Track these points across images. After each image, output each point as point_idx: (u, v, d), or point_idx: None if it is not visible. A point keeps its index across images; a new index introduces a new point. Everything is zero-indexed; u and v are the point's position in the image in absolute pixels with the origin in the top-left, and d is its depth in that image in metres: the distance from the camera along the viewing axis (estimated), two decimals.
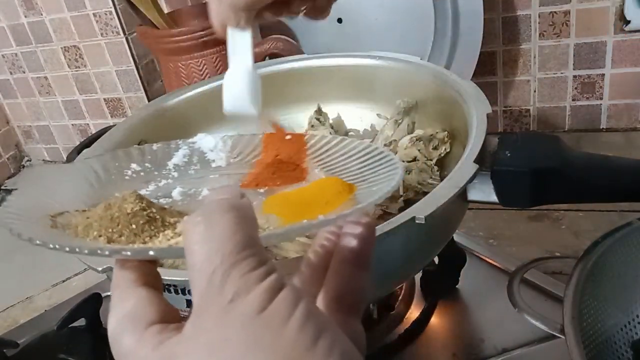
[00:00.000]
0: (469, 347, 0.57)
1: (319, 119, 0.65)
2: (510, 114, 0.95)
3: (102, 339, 0.58)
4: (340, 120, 0.68)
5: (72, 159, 0.59)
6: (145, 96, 1.05)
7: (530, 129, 0.95)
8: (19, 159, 1.23)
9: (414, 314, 0.61)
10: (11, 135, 1.21)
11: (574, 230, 0.72)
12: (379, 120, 0.66)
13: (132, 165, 0.40)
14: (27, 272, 0.86)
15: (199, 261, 0.21)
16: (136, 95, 1.06)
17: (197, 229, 0.22)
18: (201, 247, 0.22)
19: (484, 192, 0.45)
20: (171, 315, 0.24)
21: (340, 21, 0.86)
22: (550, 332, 0.43)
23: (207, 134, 0.44)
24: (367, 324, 0.59)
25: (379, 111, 0.66)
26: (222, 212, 0.22)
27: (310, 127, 0.65)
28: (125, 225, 0.31)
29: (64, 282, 0.81)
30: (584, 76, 0.89)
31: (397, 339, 0.58)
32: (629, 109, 0.89)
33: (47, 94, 1.13)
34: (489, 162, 0.45)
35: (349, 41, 0.85)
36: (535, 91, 0.92)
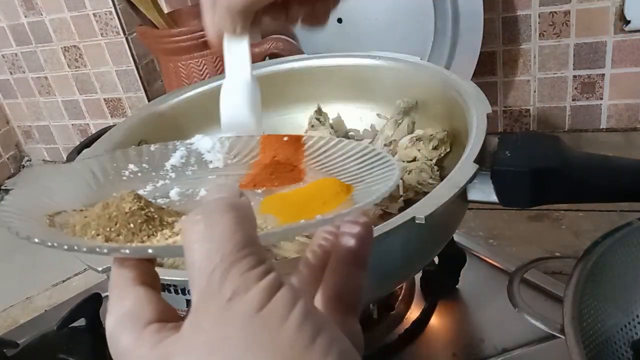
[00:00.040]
0: (469, 347, 0.57)
1: (319, 119, 0.65)
2: (510, 114, 0.95)
3: (102, 339, 0.58)
4: (340, 120, 0.68)
5: (72, 159, 0.59)
6: (145, 96, 1.05)
7: (530, 129, 0.95)
8: (19, 159, 1.23)
9: (414, 314, 0.61)
10: (11, 135, 1.21)
11: (574, 230, 0.72)
12: (379, 120, 0.66)
13: (129, 166, 0.40)
14: (27, 272, 0.86)
15: (199, 260, 0.21)
16: (136, 95, 1.06)
17: (197, 228, 0.22)
18: (201, 245, 0.22)
19: (484, 192, 0.45)
20: (169, 314, 0.24)
21: (340, 21, 0.86)
22: (550, 332, 0.43)
23: (204, 135, 0.44)
24: (367, 324, 0.59)
25: (379, 111, 0.66)
26: (221, 212, 0.22)
27: (310, 127, 0.65)
28: (123, 224, 0.31)
29: (64, 282, 0.81)
30: (584, 76, 0.89)
31: (397, 339, 0.58)
32: (629, 109, 0.89)
33: (47, 94, 1.13)
34: (489, 162, 0.45)
35: (349, 41, 0.85)
36: (535, 91, 0.92)
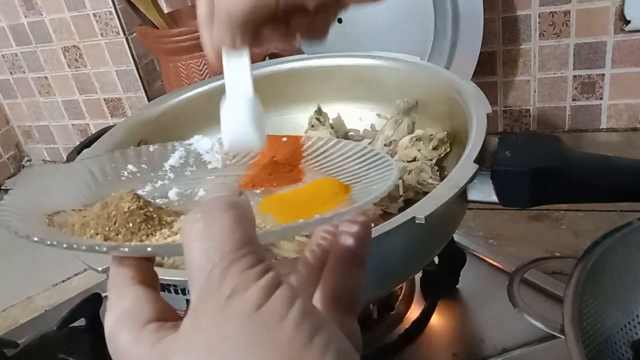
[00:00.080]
0: (469, 347, 0.57)
1: (319, 119, 0.65)
2: (510, 114, 0.95)
3: (102, 339, 0.58)
4: (340, 120, 0.68)
5: (72, 159, 0.59)
6: (145, 96, 1.05)
7: (530, 129, 0.95)
8: (19, 159, 1.23)
9: (414, 314, 0.61)
10: (11, 135, 1.21)
11: (574, 230, 0.72)
12: (379, 120, 0.66)
13: (128, 166, 0.40)
14: (27, 272, 0.86)
15: (198, 258, 0.21)
16: (136, 95, 1.06)
17: (196, 227, 0.22)
18: (200, 244, 0.22)
19: (484, 192, 0.45)
20: (168, 313, 0.24)
21: (340, 21, 0.86)
22: (550, 332, 0.43)
23: (203, 135, 0.44)
24: (367, 324, 0.59)
25: (379, 111, 0.66)
26: (221, 211, 0.22)
27: (310, 127, 0.65)
28: (122, 223, 0.31)
29: (64, 282, 0.81)
30: (584, 76, 0.88)
31: (397, 339, 0.58)
32: (629, 109, 0.89)
33: (47, 94, 1.13)
34: (489, 162, 0.45)
35: (349, 41, 0.85)
36: (535, 91, 0.92)
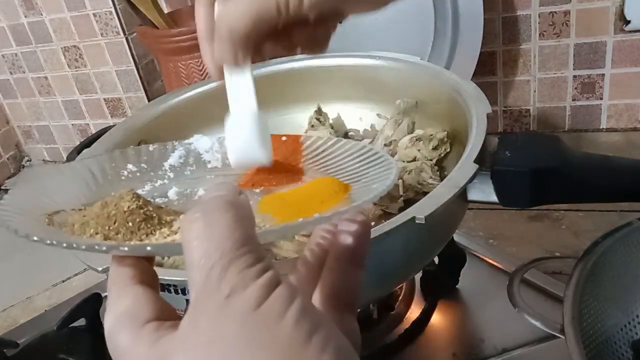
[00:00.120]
0: (469, 347, 0.57)
1: (319, 119, 0.65)
2: (510, 114, 0.95)
3: (102, 339, 0.58)
4: (340, 120, 0.68)
5: (72, 159, 0.59)
6: (145, 96, 1.05)
7: (530, 129, 0.95)
8: (19, 159, 1.23)
9: (414, 314, 0.61)
10: (11, 135, 1.21)
11: (574, 230, 0.72)
12: (379, 120, 0.66)
13: (128, 165, 0.40)
14: (27, 272, 0.86)
15: (197, 257, 0.21)
16: (136, 95, 1.06)
17: (196, 226, 0.22)
18: (200, 243, 0.22)
19: (484, 192, 0.45)
20: (167, 313, 0.24)
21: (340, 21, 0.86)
22: (550, 332, 0.43)
23: (203, 135, 0.44)
24: (367, 324, 0.59)
25: (379, 111, 0.66)
26: (220, 210, 0.22)
27: (310, 127, 0.65)
28: (121, 223, 0.31)
29: (64, 282, 0.81)
30: (584, 76, 0.88)
31: (397, 339, 0.58)
32: (629, 109, 0.89)
33: (47, 94, 1.13)
34: (489, 162, 0.45)
35: (349, 41, 0.85)
36: (535, 91, 0.92)
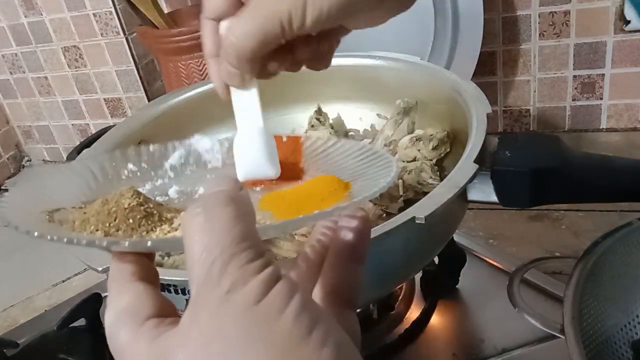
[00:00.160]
0: (469, 347, 0.57)
1: (319, 119, 0.65)
2: (510, 114, 0.95)
3: (102, 339, 0.58)
4: (340, 120, 0.68)
5: (72, 159, 0.59)
6: (145, 96, 1.05)
7: (530, 129, 0.95)
8: (19, 159, 1.23)
9: (414, 314, 0.61)
10: (11, 135, 1.21)
11: (574, 230, 0.72)
12: (379, 120, 0.66)
13: (128, 165, 0.40)
14: (27, 272, 0.86)
15: (198, 252, 0.21)
16: (136, 95, 1.06)
17: (197, 221, 0.22)
18: (200, 238, 0.22)
19: (484, 192, 0.45)
20: (168, 309, 0.24)
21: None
22: (550, 332, 0.43)
23: (203, 135, 0.44)
24: (367, 324, 0.59)
25: (379, 111, 0.66)
26: (221, 205, 0.22)
27: (310, 127, 0.65)
28: (122, 219, 0.31)
29: (64, 282, 0.81)
30: (584, 76, 0.88)
31: (397, 339, 0.58)
32: (629, 109, 0.89)
33: (47, 94, 1.13)
34: (489, 162, 0.45)
35: (349, 41, 0.85)
36: (535, 91, 0.92)
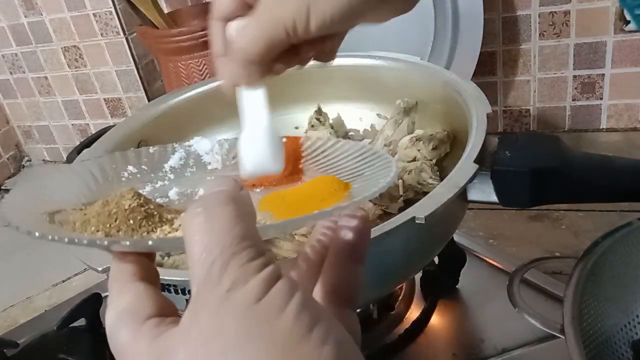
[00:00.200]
0: (469, 347, 0.57)
1: (319, 119, 0.65)
2: (510, 114, 0.95)
3: (102, 339, 0.58)
4: (340, 120, 0.67)
5: (72, 159, 0.59)
6: (145, 96, 1.05)
7: (530, 129, 0.95)
8: (19, 159, 1.23)
9: (414, 314, 0.61)
10: (11, 135, 1.21)
11: (574, 230, 0.72)
12: (379, 120, 0.66)
13: (128, 167, 0.40)
14: (27, 272, 0.86)
15: (199, 251, 0.21)
16: (136, 95, 1.06)
17: (197, 220, 0.22)
18: (201, 238, 0.22)
19: (484, 192, 0.45)
20: (168, 309, 0.24)
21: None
22: (550, 332, 0.43)
23: (203, 137, 0.44)
24: (367, 324, 0.59)
25: (379, 111, 0.66)
26: (222, 205, 0.22)
27: (310, 127, 0.65)
28: (123, 220, 0.31)
29: (64, 282, 0.81)
30: (584, 76, 0.89)
31: (397, 339, 0.58)
32: (629, 109, 0.89)
33: (47, 94, 1.13)
34: (489, 162, 0.45)
35: (349, 41, 0.85)
36: (535, 91, 0.92)
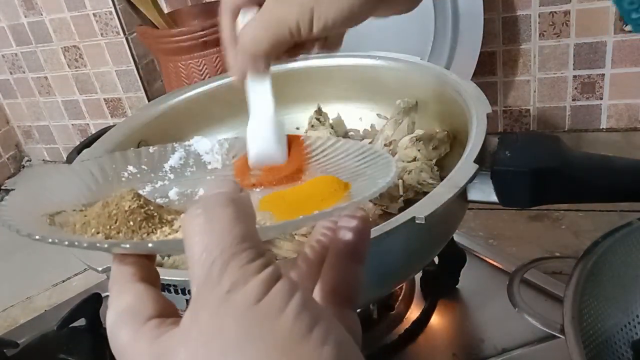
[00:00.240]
0: (469, 347, 0.57)
1: (319, 119, 0.65)
2: (510, 114, 0.95)
3: (102, 339, 0.58)
4: (340, 120, 0.67)
5: (72, 159, 0.59)
6: (145, 96, 1.05)
7: (530, 129, 0.95)
8: (19, 159, 1.23)
9: (414, 314, 0.61)
10: (11, 135, 1.21)
11: (574, 230, 0.72)
12: (379, 120, 0.66)
13: (128, 167, 0.40)
14: (27, 272, 0.86)
15: (198, 253, 0.22)
16: (136, 95, 1.06)
17: (197, 221, 0.22)
18: (201, 239, 0.22)
19: (484, 192, 0.45)
20: (169, 310, 0.24)
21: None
22: (550, 332, 0.43)
23: (203, 136, 0.44)
24: (367, 324, 0.59)
25: (379, 111, 0.66)
26: (222, 206, 0.23)
27: (310, 127, 0.65)
28: (123, 222, 0.31)
29: (64, 282, 0.81)
30: (584, 76, 0.89)
31: (397, 339, 0.58)
32: (629, 109, 0.89)
33: (47, 94, 1.13)
34: (489, 162, 0.45)
35: (349, 41, 0.85)
36: (535, 91, 0.92)
